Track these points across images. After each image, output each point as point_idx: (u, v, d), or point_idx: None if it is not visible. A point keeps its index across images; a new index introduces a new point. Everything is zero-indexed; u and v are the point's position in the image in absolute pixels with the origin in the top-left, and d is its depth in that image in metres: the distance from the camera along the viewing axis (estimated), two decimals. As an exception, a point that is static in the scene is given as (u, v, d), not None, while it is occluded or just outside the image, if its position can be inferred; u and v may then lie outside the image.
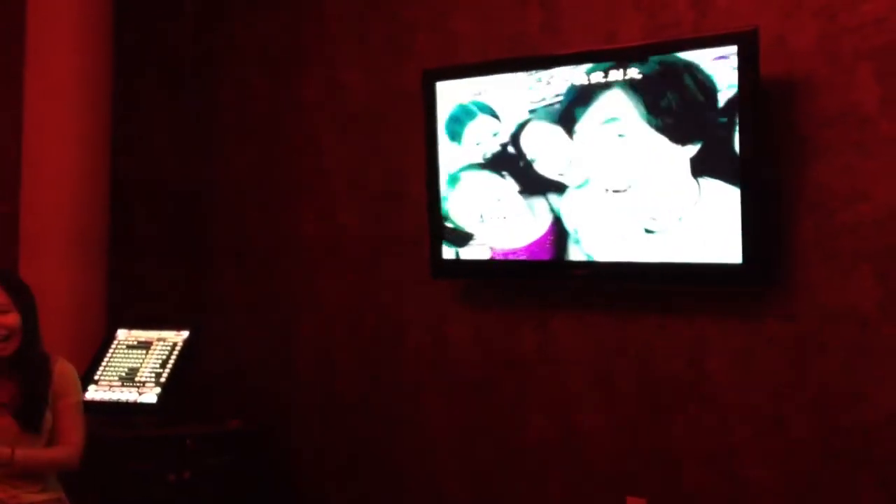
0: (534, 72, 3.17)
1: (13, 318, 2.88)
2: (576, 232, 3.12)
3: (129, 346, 3.66)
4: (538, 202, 3.20)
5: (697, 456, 3.00)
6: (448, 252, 3.40)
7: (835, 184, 2.76)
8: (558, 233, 3.16)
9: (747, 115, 2.77)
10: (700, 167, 2.86)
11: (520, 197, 3.23)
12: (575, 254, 3.12)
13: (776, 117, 2.84)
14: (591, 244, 3.09)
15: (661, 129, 2.93)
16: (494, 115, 3.26)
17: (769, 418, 2.87)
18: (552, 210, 3.16)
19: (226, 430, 3.67)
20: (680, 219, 2.91)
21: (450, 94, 3.36)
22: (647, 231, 2.97)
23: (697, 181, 2.87)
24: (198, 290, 4.21)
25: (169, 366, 3.56)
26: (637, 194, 2.98)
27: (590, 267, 3.10)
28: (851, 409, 2.73)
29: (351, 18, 3.83)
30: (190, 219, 4.28)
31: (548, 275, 3.23)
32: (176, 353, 3.59)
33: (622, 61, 2.99)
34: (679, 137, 2.90)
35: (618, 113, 3.01)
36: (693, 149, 2.87)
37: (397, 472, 3.68)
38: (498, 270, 3.33)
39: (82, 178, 3.82)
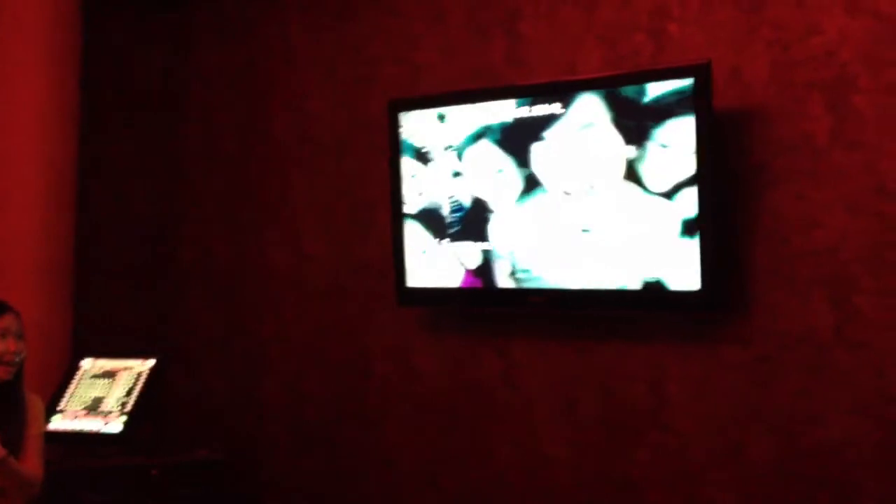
0: (495, 101, 3.23)
1: (23, 345, 2.90)
2: (531, 259, 3.16)
3: (94, 376, 3.64)
4: (483, 234, 3.25)
5: (660, 481, 3.03)
6: (412, 280, 3.43)
7: (789, 211, 2.83)
8: (513, 261, 3.20)
9: (703, 144, 2.84)
10: (661, 196, 2.93)
11: (469, 229, 3.28)
12: (533, 281, 3.17)
13: (731, 146, 2.91)
14: (549, 272, 3.14)
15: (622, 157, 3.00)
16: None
17: (729, 442, 2.91)
18: (496, 240, 3.22)
19: (192, 460, 3.64)
20: (640, 245, 2.96)
21: (414, 124, 3.41)
22: (605, 260, 3.02)
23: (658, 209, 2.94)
24: (164, 318, 4.20)
25: (134, 395, 3.55)
26: (597, 223, 3.04)
27: (549, 294, 3.14)
28: (808, 431, 2.78)
29: (317, 50, 3.87)
30: (157, 248, 4.28)
31: (506, 302, 3.26)
32: (142, 382, 3.57)
33: (583, 92, 3.05)
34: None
35: (582, 142, 3.07)
36: (656, 180, 2.93)
37: (365, 499, 3.68)
38: (460, 298, 3.36)
39: (48, 208, 3.80)
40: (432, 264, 3.39)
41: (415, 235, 3.42)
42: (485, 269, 3.27)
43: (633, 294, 2.98)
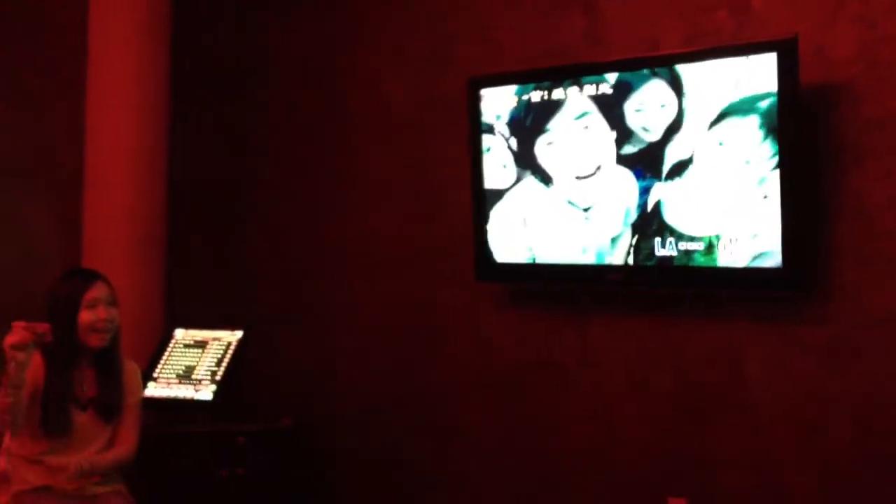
0: (576, 78, 3.24)
1: (116, 312, 3.03)
2: (619, 236, 3.18)
3: (185, 346, 3.79)
4: (577, 207, 3.26)
5: (735, 460, 3.03)
6: (491, 255, 3.47)
7: (874, 190, 2.78)
8: (599, 237, 3.22)
9: (787, 121, 2.81)
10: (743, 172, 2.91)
11: (562, 200, 3.30)
12: (615, 258, 3.18)
13: (816, 124, 2.87)
14: (631, 249, 3.15)
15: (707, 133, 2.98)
16: (543, 120, 3.33)
17: (806, 423, 2.90)
18: (592, 215, 3.23)
19: (276, 428, 3.75)
20: (724, 223, 2.95)
21: (494, 102, 3.44)
22: (690, 238, 3.02)
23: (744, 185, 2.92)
24: (248, 292, 4.33)
25: (224, 364, 3.68)
26: (680, 199, 3.03)
27: (627, 271, 3.15)
28: (888, 413, 2.75)
29: (393, 29, 3.91)
30: (240, 224, 4.40)
31: (587, 279, 3.28)
32: (230, 352, 3.71)
33: (664, 68, 3.04)
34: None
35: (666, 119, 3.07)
36: (739, 155, 2.91)
37: (435, 475, 3.75)
38: (539, 274, 3.39)
39: (141, 184, 3.95)
40: (509, 240, 3.43)
41: (493, 211, 3.46)
42: (575, 246, 3.30)
43: (713, 272, 2.97)
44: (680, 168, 3.00)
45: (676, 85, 2.99)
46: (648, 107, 3.06)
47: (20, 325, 2.72)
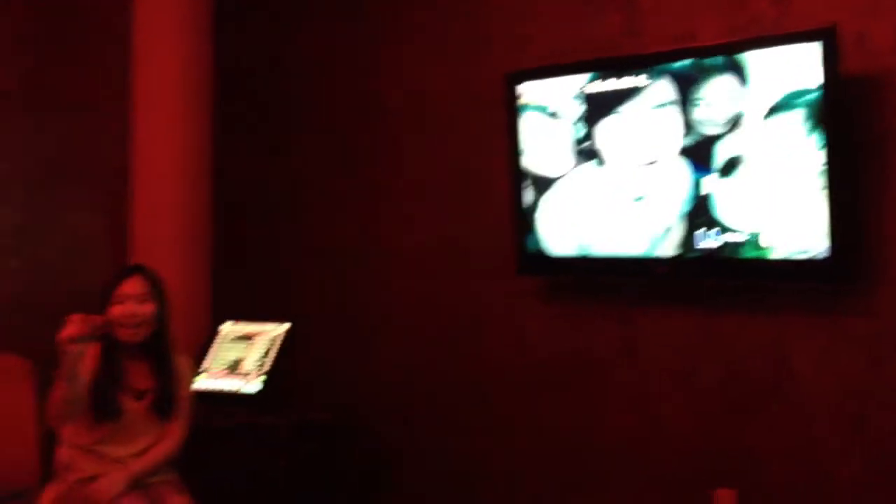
0: (615, 71, 3.25)
1: (149, 308, 3.08)
2: (670, 227, 3.18)
3: (233, 339, 3.86)
4: (622, 199, 3.28)
5: (781, 452, 3.02)
6: (532, 248, 3.49)
7: (919, 180, 2.77)
8: (651, 228, 3.22)
9: (830, 110, 2.80)
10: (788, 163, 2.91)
11: (605, 193, 3.31)
12: (663, 250, 3.18)
13: (859, 113, 2.85)
14: (676, 240, 3.15)
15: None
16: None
17: (852, 415, 2.88)
18: (635, 207, 3.25)
19: (318, 421, 3.82)
20: (771, 215, 2.94)
21: (531, 95, 3.46)
22: (737, 230, 3.01)
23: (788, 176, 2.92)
24: (292, 287, 4.38)
25: (270, 357, 3.74)
26: (730, 191, 3.03)
27: (672, 263, 3.16)
28: (934, 405, 2.74)
29: (430, 24, 3.93)
30: (284, 220, 4.45)
31: (632, 271, 3.29)
32: (277, 345, 3.76)
33: (704, 60, 3.04)
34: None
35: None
36: (786, 147, 2.90)
37: (475, 467, 3.77)
38: (582, 267, 3.41)
39: (188, 182, 4.04)
40: (550, 233, 3.45)
41: (541, 202, 3.47)
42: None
43: (760, 263, 2.96)
44: (732, 160, 2.99)
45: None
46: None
47: (76, 318, 2.79)
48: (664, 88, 3.13)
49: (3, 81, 3.90)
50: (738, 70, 2.96)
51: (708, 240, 3.05)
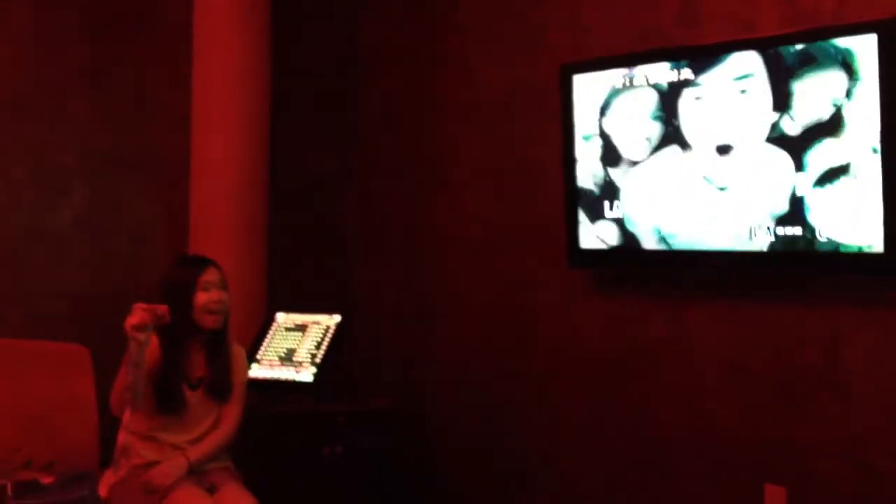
0: (670, 62, 3.21)
1: (226, 296, 3.16)
2: (712, 221, 3.15)
3: (287, 329, 3.92)
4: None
5: (833, 447, 2.99)
6: (584, 241, 3.49)
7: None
8: (694, 222, 3.20)
9: (889, 102, 2.74)
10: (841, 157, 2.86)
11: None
12: (709, 243, 3.15)
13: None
14: (725, 233, 3.12)
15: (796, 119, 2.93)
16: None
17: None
18: (691, 199, 3.22)
19: (374, 409, 3.85)
20: (819, 207, 2.90)
21: (585, 87, 3.44)
22: (785, 222, 2.97)
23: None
24: (347, 276, 4.43)
25: (323, 347, 3.79)
26: (776, 186, 2.99)
27: (723, 257, 3.13)
28: None
29: (486, 16, 3.94)
30: (338, 210, 4.50)
31: (679, 265, 3.27)
32: (329, 335, 3.81)
33: (763, 51, 2.99)
34: (819, 129, 2.90)
35: (758, 107, 3.02)
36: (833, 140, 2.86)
37: (528, 457, 3.79)
38: (634, 259, 3.39)
39: (244, 172, 4.08)
40: (602, 226, 3.43)
41: (585, 197, 3.46)
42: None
43: (811, 255, 2.92)
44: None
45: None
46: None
47: (141, 306, 2.83)
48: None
49: (65, 74, 3.98)
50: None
51: (766, 233, 3.01)
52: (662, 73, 3.24)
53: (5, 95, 3.84)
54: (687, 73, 3.18)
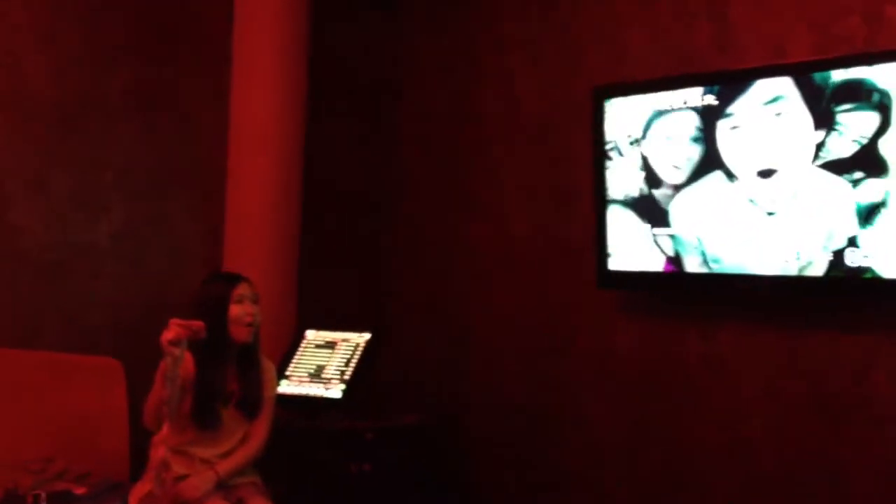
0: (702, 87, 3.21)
1: (258, 310, 3.21)
2: (745, 244, 3.14)
3: (316, 346, 3.95)
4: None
5: (867, 472, 2.96)
6: (614, 263, 3.49)
7: None
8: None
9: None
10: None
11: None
12: (742, 266, 3.14)
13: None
14: (758, 259, 3.11)
15: (831, 149, 2.92)
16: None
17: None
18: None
19: (404, 425, 3.87)
20: (850, 232, 2.88)
21: (617, 110, 3.45)
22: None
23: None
24: (379, 293, 4.46)
25: (352, 365, 3.81)
26: (812, 214, 2.98)
27: (755, 281, 3.11)
28: None
29: (524, 35, 3.98)
30: (373, 226, 4.53)
31: (710, 288, 3.26)
32: (358, 353, 3.84)
33: (796, 76, 2.98)
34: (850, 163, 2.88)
35: (793, 132, 3.00)
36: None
37: (564, 473, 3.79)
38: (663, 283, 3.39)
39: (279, 187, 4.13)
40: (633, 249, 3.43)
41: (617, 220, 3.47)
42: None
43: (844, 282, 2.90)
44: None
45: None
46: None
47: (176, 322, 2.87)
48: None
49: (110, 93, 4.07)
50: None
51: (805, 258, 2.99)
52: (695, 97, 3.24)
53: (52, 114, 3.93)
54: (719, 98, 3.18)
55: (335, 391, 3.78)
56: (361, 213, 4.57)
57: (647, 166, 3.38)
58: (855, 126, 2.86)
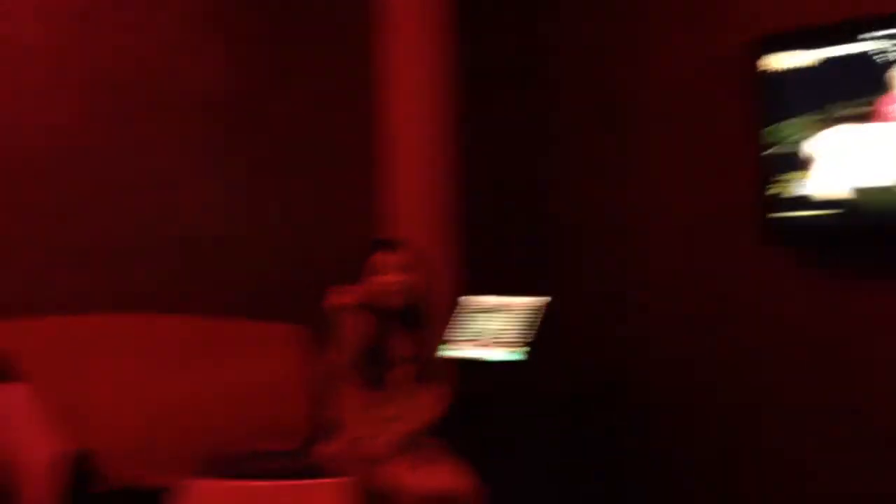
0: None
1: (406, 277, 3.28)
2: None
3: (489, 310, 3.92)
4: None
5: None
6: (780, 218, 3.42)
7: None
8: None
9: None
10: None
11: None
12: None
13: None
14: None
15: None
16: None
17: None
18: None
19: (587, 392, 3.89)
20: None
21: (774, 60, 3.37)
22: None
23: None
24: (541, 263, 4.46)
25: (530, 328, 3.75)
26: None
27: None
28: None
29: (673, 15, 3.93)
30: (533, 201, 4.50)
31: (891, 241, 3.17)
32: (536, 317, 3.78)
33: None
34: None
35: None
36: None
37: (730, 438, 3.76)
38: (837, 238, 3.31)
39: (439, 170, 4.32)
40: (798, 202, 3.36)
41: (779, 173, 3.40)
42: (856, 208, 3.20)
43: None
44: None
45: None
46: None
47: (339, 288, 3.03)
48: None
49: (255, 79, 4.21)
50: None
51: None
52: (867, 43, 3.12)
53: (196, 99, 4.08)
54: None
55: (516, 354, 3.74)
56: (521, 188, 4.52)
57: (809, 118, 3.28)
58: None
